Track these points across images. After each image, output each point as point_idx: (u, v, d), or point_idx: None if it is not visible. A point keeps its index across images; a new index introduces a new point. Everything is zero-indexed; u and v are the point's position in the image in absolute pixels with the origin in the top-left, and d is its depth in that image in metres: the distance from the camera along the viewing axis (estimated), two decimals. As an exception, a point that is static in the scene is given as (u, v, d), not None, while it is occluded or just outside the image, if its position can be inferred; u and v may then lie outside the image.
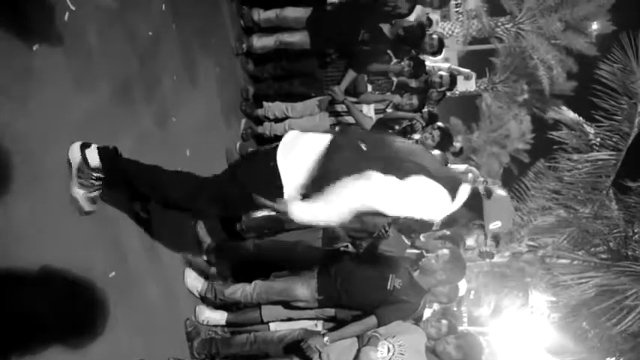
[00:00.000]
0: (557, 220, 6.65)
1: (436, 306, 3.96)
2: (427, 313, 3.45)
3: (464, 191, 1.97)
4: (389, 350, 2.72)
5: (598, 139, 6.17)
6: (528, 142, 13.46)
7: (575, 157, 6.55)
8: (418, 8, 4.02)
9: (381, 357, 2.70)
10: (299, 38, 3.93)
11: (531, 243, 7.65)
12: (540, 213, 7.24)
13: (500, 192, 2.08)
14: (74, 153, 2.04)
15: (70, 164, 2.04)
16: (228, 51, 4.14)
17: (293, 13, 3.95)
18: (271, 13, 4.00)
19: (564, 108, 8.88)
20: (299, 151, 2.01)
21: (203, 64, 3.65)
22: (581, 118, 7.43)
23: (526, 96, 11.41)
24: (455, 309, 7.57)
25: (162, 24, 3.10)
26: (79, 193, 2.06)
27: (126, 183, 2.17)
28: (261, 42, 4.07)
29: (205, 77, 3.65)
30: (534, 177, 7.11)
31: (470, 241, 4.67)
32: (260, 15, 4.05)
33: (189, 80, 3.37)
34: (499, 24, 11.07)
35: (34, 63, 1.94)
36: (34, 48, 1.94)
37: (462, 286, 3.59)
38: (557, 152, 6.63)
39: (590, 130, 6.63)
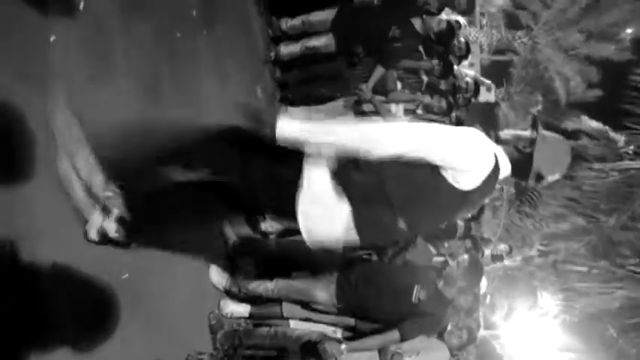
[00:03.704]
0: (573, 228, 6.25)
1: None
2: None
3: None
4: None
5: (631, 147, 5.70)
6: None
7: (596, 165, 6.12)
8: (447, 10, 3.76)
9: None
10: (324, 41, 3.71)
11: (542, 248, 7.32)
12: (553, 220, 6.89)
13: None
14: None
15: None
16: (257, 60, 4.01)
17: (318, 16, 3.76)
18: (297, 21, 3.86)
19: (584, 117, 8.37)
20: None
21: (232, 71, 3.51)
22: (606, 126, 6.95)
23: (540, 107, 10.93)
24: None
25: (193, 28, 2.98)
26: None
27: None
28: (288, 49, 3.93)
29: (234, 84, 3.52)
30: (548, 184, 6.74)
31: (487, 251, 4.46)
32: (288, 24, 3.91)
33: (217, 85, 3.25)
34: (516, 37, 10.67)
35: (53, 53, 1.81)
36: (51, 39, 1.82)
37: (483, 284, 3.34)
38: (574, 160, 6.21)
39: (620, 137, 6.18)
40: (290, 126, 1.46)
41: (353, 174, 1.52)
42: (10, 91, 1.60)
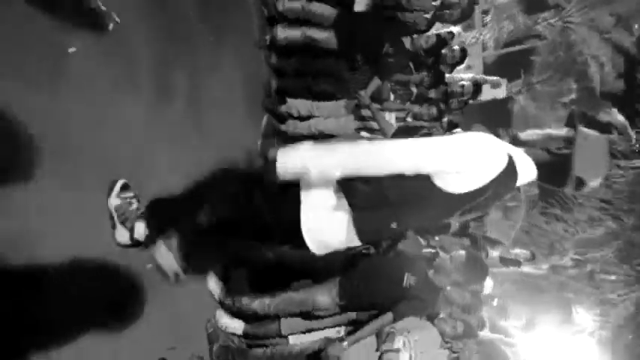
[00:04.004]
0: (607, 233, 6.24)
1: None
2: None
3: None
4: (404, 344, 2.84)
5: None
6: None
7: (622, 162, 6.18)
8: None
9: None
10: (326, 36, 3.92)
11: (577, 257, 7.26)
12: (589, 225, 6.83)
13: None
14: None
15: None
16: (251, 44, 4.12)
17: (319, 8, 3.92)
18: (297, 4, 3.94)
19: (614, 110, 8.29)
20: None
21: (225, 59, 3.68)
22: (626, 121, 6.97)
23: (574, 95, 10.78)
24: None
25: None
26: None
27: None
28: (286, 33, 3.99)
29: (227, 73, 3.70)
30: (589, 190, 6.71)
31: (495, 253, 4.68)
32: (285, 4, 3.97)
33: (209, 76, 3.44)
34: (539, 20, 10.60)
35: (70, 63, 2.10)
36: (70, 50, 2.12)
37: (487, 284, 3.76)
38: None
39: (633, 134, 6.22)
40: (291, 159, 1.63)
41: (356, 183, 1.68)
42: (22, 98, 1.88)
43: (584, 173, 1.64)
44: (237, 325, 3.11)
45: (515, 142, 1.74)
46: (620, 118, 7.40)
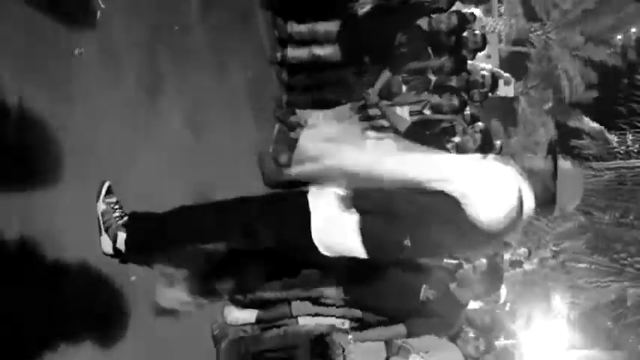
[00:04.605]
0: (577, 226, 6.47)
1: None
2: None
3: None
4: None
5: (623, 148, 6.02)
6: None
7: (593, 164, 6.41)
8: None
9: None
10: (330, 51, 3.97)
11: (554, 248, 7.44)
12: (562, 219, 7.05)
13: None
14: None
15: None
16: (263, 58, 4.21)
17: (323, 26, 4.01)
18: (304, 27, 4.07)
19: (586, 119, 8.61)
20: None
21: (236, 68, 3.73)
22: (602, 127, 7.23)
23: (551, 104, 11.09)
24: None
25: (191, 19, 3.19)
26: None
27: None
28: (295, 53, 4.12)
29: (238, 81, 3.76)
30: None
31: (506, 256, 4.36)
32: (293, 28, 4.11)
33: (222, 82, 3.48)
34: (532, 29, 10.77)
35: (75, 64, 2.05)
36: (76, 52, 2.06)
37: (502, 293, 3.39)
38: (577, 159, 6.47)
39: (613, 138, 6.46)
40: (312, 143, 1.58)
41: (367, 190, 1.62)
42: (35, 100, 1.84)
43: (564, 203, 1.70)
44: (248, 316, 3.05)
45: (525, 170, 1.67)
46: (593, 125, 7.63)
